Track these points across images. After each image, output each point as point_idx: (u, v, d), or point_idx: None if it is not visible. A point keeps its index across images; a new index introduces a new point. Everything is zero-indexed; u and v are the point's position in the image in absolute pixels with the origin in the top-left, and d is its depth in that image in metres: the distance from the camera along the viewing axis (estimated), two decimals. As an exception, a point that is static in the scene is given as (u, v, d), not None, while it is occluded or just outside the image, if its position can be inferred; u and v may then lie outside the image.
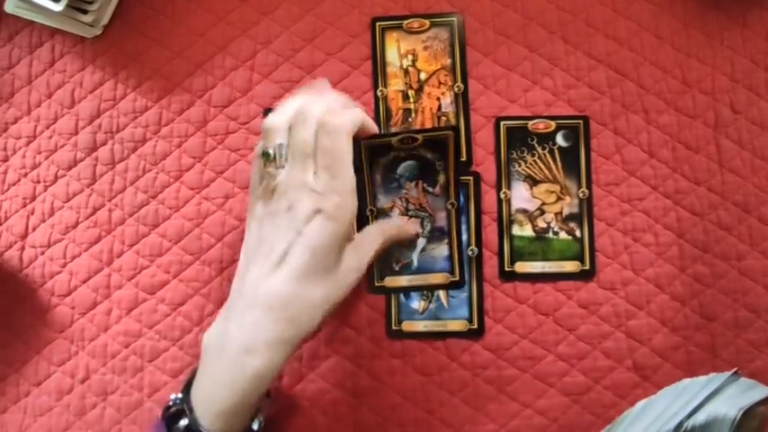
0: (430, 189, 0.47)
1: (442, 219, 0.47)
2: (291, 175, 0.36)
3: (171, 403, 0.37)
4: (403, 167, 0.46)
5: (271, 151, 0.36)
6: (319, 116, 0.36)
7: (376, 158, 0.45)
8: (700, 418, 0.40)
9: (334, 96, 0.39)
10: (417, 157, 0.46)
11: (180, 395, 0.37)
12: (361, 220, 0.46)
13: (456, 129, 0.46)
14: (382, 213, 0.47)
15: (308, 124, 0.36)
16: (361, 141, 0.43)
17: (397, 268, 0.47)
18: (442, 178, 0.46)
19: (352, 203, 0.36)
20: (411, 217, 0.47)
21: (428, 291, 0.48)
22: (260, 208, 0.37)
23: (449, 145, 0.44)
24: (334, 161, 0.35)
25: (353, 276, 0.37)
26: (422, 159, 0.46)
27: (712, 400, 0.41)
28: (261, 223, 0.37)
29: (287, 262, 0.35)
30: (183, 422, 0.35)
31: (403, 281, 0.47)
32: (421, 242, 0.47)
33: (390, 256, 0.47)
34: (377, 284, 0.47)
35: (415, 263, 0.47)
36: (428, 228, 0.47)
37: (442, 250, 0.47)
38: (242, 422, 0.37)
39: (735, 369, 0.43)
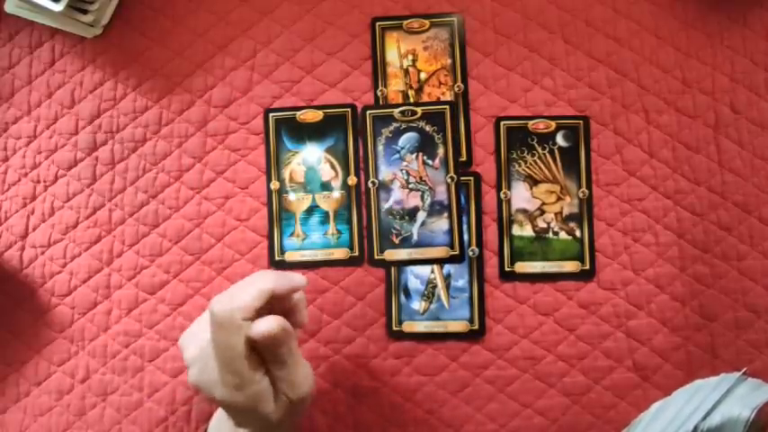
0: (429, 162, 0.48)
1: (442, 192, 0.48)
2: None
3: None
4: (404, 139, 0.48)
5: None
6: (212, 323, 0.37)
7: (379, 128, 0.48)
8: (714, 419, 0.40)
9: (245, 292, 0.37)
10: (417, 130, 0.48)
11: None
12: (366, 193, 0.48)
13: (453, 104, 0.48)
14: (383, 185, 0.48)
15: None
16: (366, 110, 0.47)
17: (397, 242, 0.48)
18: (441, 151, 0.48)
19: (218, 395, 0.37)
20: (411, 190, 0.48)
21: (428, 264, 0.48)
22: None
23: (446, 119, 0.47)
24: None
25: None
26: (422, 132, 0.48)
27: (724, 400, 0.41)
28: None
29: None
30: None
31: (402, 254, 0.48)
32: (421, 215, 0.48)
33: (390, 230, 0.48)
34: (377, 258, 0.47)
35: (415, 236, 0.48)
36: (428, 201, 0.48)
37: (442, 224, 0.48)
38: None
39: (744, 370, 0.43)
